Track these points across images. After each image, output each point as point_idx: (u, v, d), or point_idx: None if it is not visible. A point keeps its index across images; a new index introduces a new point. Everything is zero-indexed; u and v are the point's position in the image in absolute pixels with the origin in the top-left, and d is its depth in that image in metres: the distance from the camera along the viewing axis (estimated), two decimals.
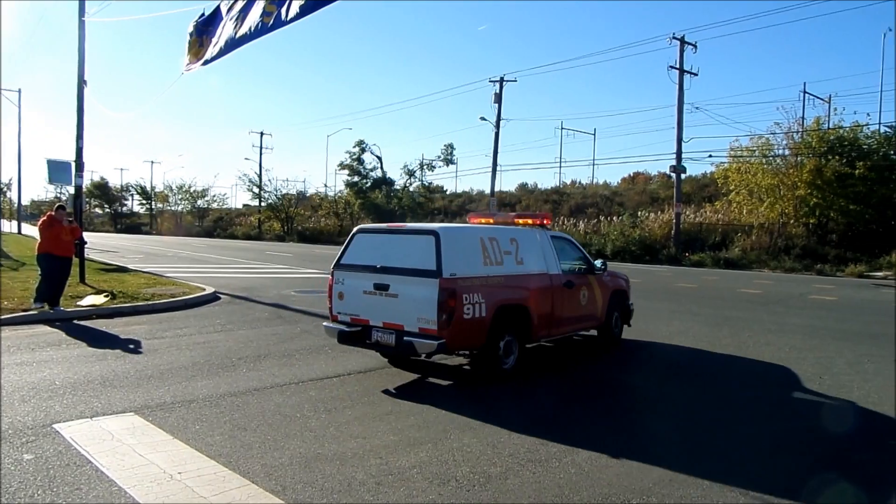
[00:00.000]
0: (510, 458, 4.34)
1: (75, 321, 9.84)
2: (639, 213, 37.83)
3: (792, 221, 30.76)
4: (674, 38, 32.45)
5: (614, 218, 38.97)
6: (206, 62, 11.43)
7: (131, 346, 8.01)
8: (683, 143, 32.87)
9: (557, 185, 58.36)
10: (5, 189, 69.86)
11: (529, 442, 4.68)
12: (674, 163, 33.14)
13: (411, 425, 5.02)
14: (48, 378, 6.29)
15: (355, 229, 7.30)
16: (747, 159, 32.81)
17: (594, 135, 60.72)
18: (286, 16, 9.17)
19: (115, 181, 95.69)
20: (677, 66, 32.67)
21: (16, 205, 64.26)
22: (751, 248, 30.17)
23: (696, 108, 47.82)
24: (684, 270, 26.31)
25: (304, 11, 8.91)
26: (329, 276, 7.07)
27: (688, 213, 36.82)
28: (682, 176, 34.28)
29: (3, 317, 9.58)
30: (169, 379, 6.39)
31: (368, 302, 6.55)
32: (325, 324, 7.10)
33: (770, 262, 27.74)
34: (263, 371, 6.79)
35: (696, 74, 33.06)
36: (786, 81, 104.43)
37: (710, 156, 49.80)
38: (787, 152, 31.53)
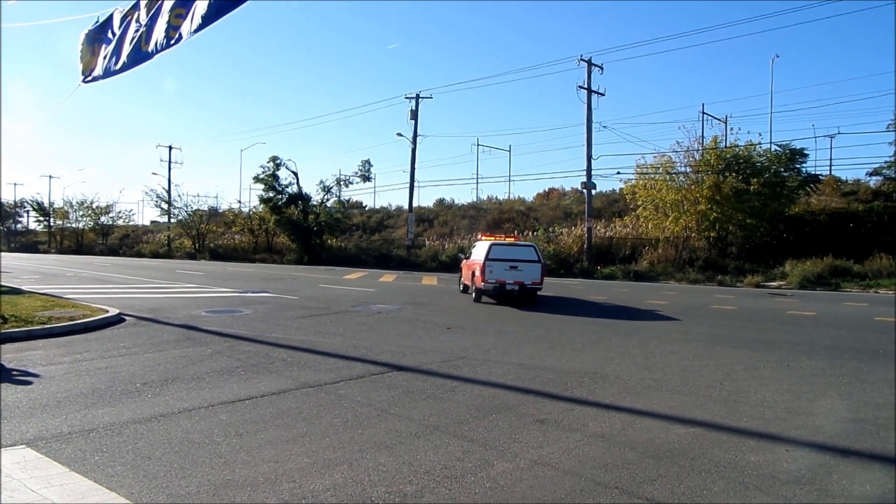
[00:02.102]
0: (426, 476, 4.35)
1: None
2: (553, 227, 38.93)
3: (695, 235, 32.45)
4: (581, 59, 33.79)
5: (530, 233, 39.92)
6: (108, 75, 10.97)
7: (25, 374, 7.49)
8: (593, 161, 34.18)
9: (475, 200, 59.23)
10: None
11: (445, 458, 4.70)
12: (584, 179, 34.35)
13: (326, 447, 4.94)
14: None
15: (490, 243, 17.66)
16: (652, 176, 34.43)
17: (509, 151, 62.19)
18: (189, 28, 8.96)
19: (8, 197, 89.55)
20: (585, 86, 33.99)
21: None
22: (658, 260, 31.60)
23: (605, 126, 50.00)
24: (596, 283, 27.21)
25: (206, 21, 8.72)
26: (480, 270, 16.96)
27: (599, 227, 38.18)
28: (593, 192, 35.57)
29: None
30: (66, 407, 6.01)
31: (506, 274, 16.54)
32: (478, 286, 17.27)
33: (676, 273, 29.13)
34: (171, 396, 6.51)
35: (603, 94, 34.53)
36: (686, 102, 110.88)
37: (619, 172, 52.09)
38: (688, 169, 33.33)
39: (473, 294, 18.16)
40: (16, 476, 4.21)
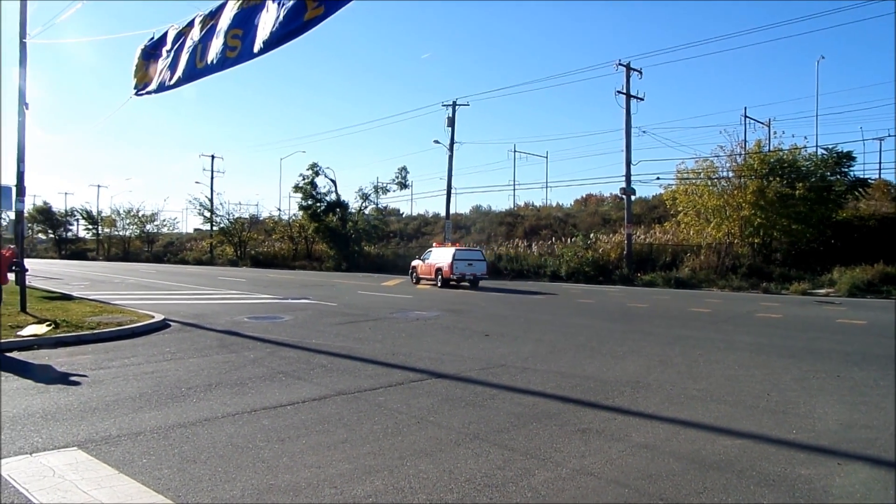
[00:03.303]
0: (467, 484, 4.32)
1: (15, 352, 9.44)
2: (592, 234, 38.55)
3: (738, 241, 31.76)
4: (620, 64, 33.48)
5: (568, 239, 39.59)
6: (162, 90, 11.32)
7: (75, 378, 7.72)
8: (632, 166, 33.83)
9: (511, 206, 59.08)
10: None
11: (486, 466, 4.68)
12: (624, 185, 33.96)
13: (366, 453, 4.96)
14: None
15: (455, 249, 28.97)
16: (693, 181, 33.84)
17: (546, 157, 62.06)
18: (251, 50, 9.21)
19: (59, 206, 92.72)
20: (624, 91, 33.64)
21: None
22: (700, 267, 31.01)
23: (644, 131, 49.24)
24: (636, 290, 26.84)
25: (268, 47, 8.97)
26: (449, 266, 26.94)
27: (638, 233, 37.70)
28: (632, 198, 35.17)
29: None
30: (115, 411, 6.17)
31: (465, 268, 27.15)
32: (441, 278, 27.47)
33: (718, 281, 28.53)
34: (214, 400, 6.63)
35: (642, 99, 34.15)
36: (728, 106, 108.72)
37: (658, 178, 51.48)
38: (730, 174, 32.67)
39: (439, 282, 28.15)
40: (68, 477, 4.33)
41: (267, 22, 8.95)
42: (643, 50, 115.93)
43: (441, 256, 28.40)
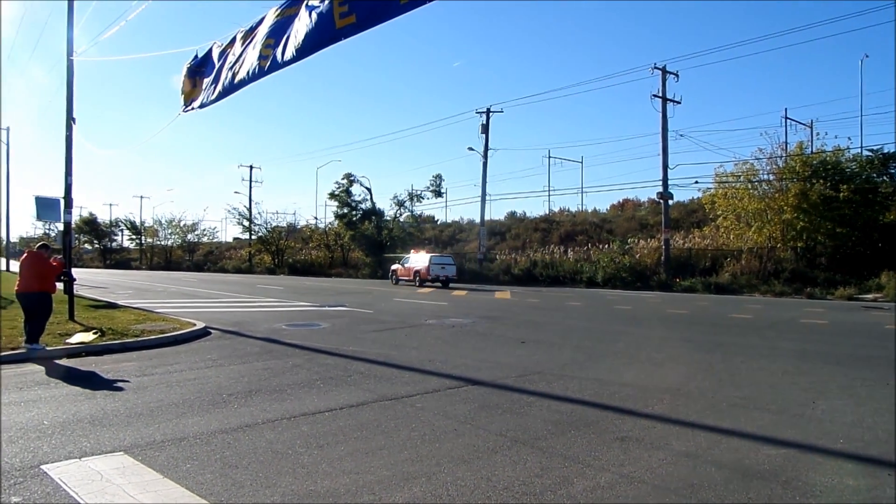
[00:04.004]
0: (504, 492, 4.31)
1: (64, 359, 9.74)
2: (628, 239, 38.10)
3: (780, 245, 31.04)
4: (655, 67, 33.11)
5: (605, 245, 39.19)
6: (205, 105, 11.63)
7: (121, 384, 7.93)
8: (669, 170, 33.37)
9: (546, 212, 58.77)
10: None
11: (524, 474, 4.65)
12: (661, 189, 33.51)
13: (404, 459, 4.98)
14: (36, 418, 6.21)
15: (430, 255, 35.57)
16: (733, 185, 33.22)
17: (581, 163, 61.36)
18: (281, 58, 9.38)
19: (104, 217, 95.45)
20: (660, 94, 33.23)
21: (4, 242, 63.95)
22: (740, 272, 30.38)
23: (681, 135, 48.83)
24: (675, 296, 26.42)
25: (300, 55, 9.11)
26: (426, 268, 33.74)
27: (677, 238, 37.13)
28: (670, 202, 34.66)
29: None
30: (159, 416, 6.32)
31: (440, 271, 33.68)
32: (419, 279, 33.96)
33: (760, 286, 27.92)
34: (255, 407, 6.73)
35: (678, 102, 33.68)
36: (767, 107, 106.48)
37: (697, 182, 50.55)
38: (771, 177, 31.97)
39: (418, 282, 34.43)
40: (115, 481, 4.45)
41: (300, 30, 9.10)
42: (679, 52, 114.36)
43: (419, 261, 34.99)
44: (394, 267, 38.18)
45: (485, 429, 5.90)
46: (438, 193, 51.80)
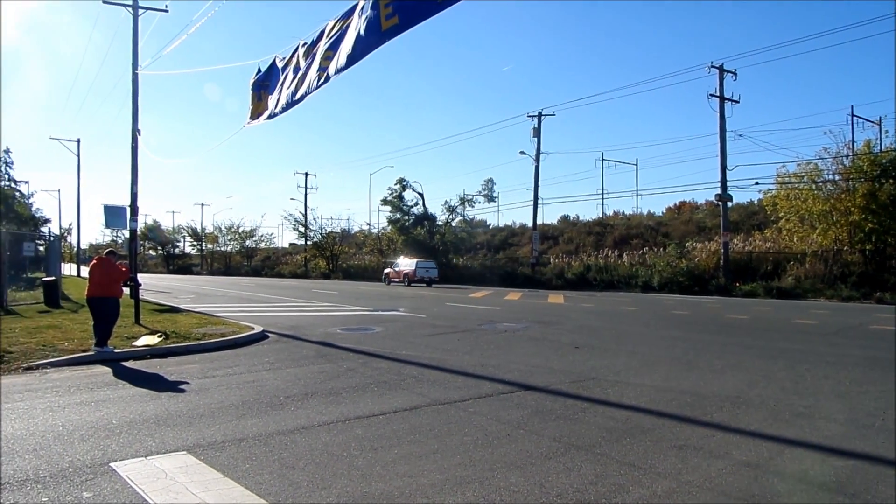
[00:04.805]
0: (558, 499, 4.27)
1: (131, 361, 10.15)
2: (686, 242, 37.19)
3: (847, 248, 29.76)
4: (712, 66, 32.29)
5: (661, 249, 38.37)
6: (273, 116, 12.00)
7: (183, 386, 8.21)
8: (728, 171, 32.43)
9: (600, 216, 57.96)
10: (65, 234, 73.10)
11: (578, 481, 4.60)
12: (719, 191, 32.64)
13: (457, 464, 4.99)
14: (105, 417, 6.49)
15: (416, 260, 42.48)
16: (796, 185, 32.06)
17: (636, 165, 60.34)
18: (336, 67, 9.60)
19: (167, 223, 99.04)
20: (717, 94, 32.40)
21: (75, 249, 67.04)
22: (805, 276, 29.26)
23: (740, 135, 47.39)
24: (735, 301, 25.66)
25: (350, 61, 9.31)
26: (412, 270, 41.55)
27: (736, 241, 36.07)
28: (729, 204, 33.71)
29: (62, 357, 9.96)
30: (219, 417, 6.51)
31: (424, 273, 41.28)
32: (407, 279, 41.60)
33: (826, 290, 26.84)
34: (311, 409, 6.87)
35: (737, 101, 32.76)
36: (832, 105, 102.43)
37: (757, 183, 49.02)
38: (837, 177, 30.72)
39: (406, 282, 41.58)
40: (179, 480, 4.61)
41: (351, 37, 9.31)
42: (737, 51, 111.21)
43: (407, 265, 43.03)
44: (386, 270, 45.91)
45: (538, 434, 5.86)
46: (490, 198, 51.83)
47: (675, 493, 4.38)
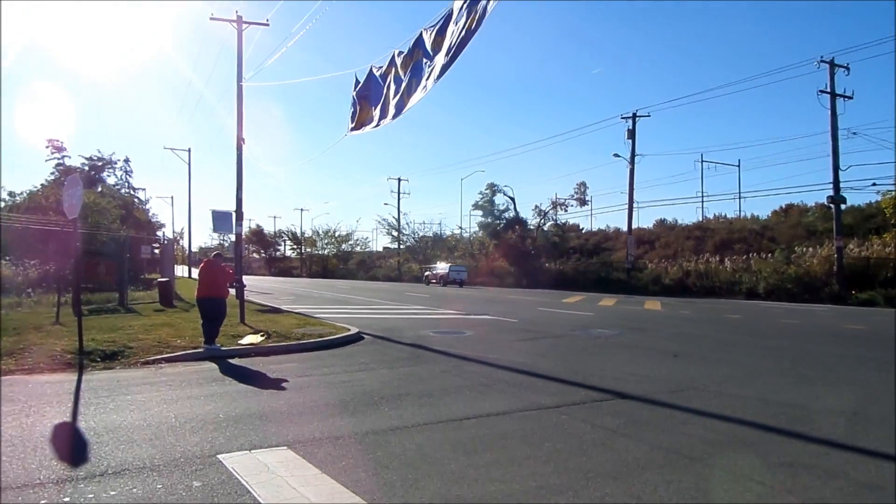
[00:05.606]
0: None
1: (236, 358, 10.68)
2: (794, 247, 35.08)
3: None
4: (822, 61, 30.32)
5: (767, 255, 36.34)
6: (377, 125, 12.35)
7: (284, 384, 8.55)
8: (841, 172, 30.36)
9: (699, 220, 55.64)
10: (178, 237, 78.14)
11: (677, 495, 4.42)
12: (831, 193, 30.61)
13: (550, 471, 4.92)
14: (213, 411, 6.86)
15: (450, 264, 52.30)
16: None
17: (739, 166, 57.47)
18: (439, 72, 9.80)
19: (269, 228, 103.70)
20: (828, 90, 30.41)
21: (187, 252, 71.48)
22: None
23: (854, 133, 43.96)
24: (850, 310, 23.94)
25: (442, 70, 9.49)
26: (446, 273, 49.57)
27: (851, 246, 33.61)
28: (842, 207, 31.51)
29: (175, 353, 10.62)
30: (317, 415, 6.73)
31: (456, 276, 48.83)
32: (442, 280, 49.18)
33: None
34: (404, 410, 6.97)
35: (850, 98, 30.58)
36: None
37: (875, 184, 45.29)
38: None
39: (441, 283, 48.79)
40: (279, 473, 4.80)
41: (454, 32, 9.45)
42: (849, 44, 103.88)
43: (442, 268, 51.59)
44: (426, 273, 54.99)
45: (634, 444, 5.68)
46: (583, 201, 50.96)
47: None
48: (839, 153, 30.47)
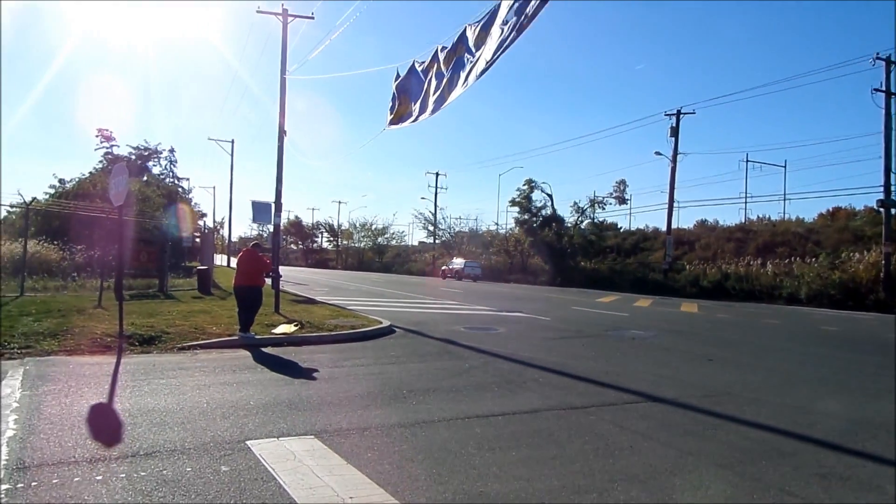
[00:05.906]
0: None
1: (269, 347, 10.85)
2: (840, 252, 34.05)
3: None
4: (878, 58, 29.30)
5: (811, 259, 35.35)
6: (416, 120, 12.39)
7: (315, 374, 8.65)
8: (892, 174, 29.29)
9: (742, 221, 54.38)
10: (219, 227, 79.62)
11: (706, 502, 4.34)
12: (881, 196, 29.59)
13: (576, 472, 4.88)
14: (244, 398, 6.98)
15: (465, 260, 55.48)
16: None
17: (784, 167, 55.97)
18: (480, 70, 9.80)
19: (307, 220, 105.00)
20: (882, 88, 29.38)
21: (227, 241, 72.86)
22: None
23: None
24: None
25: (483, 71, 9.50)
26: (462, 269, 52.27)
27: None
28: (893, 211, 30.44)
29: (210, 340, 10.83)
30: (346, 406, 6.80)
31: (471, 271, 51.37)
32: (458, 276, 51.35)
33: None
34: (432, 404, 6.99)
35: None
36: None
37: None
38: None
39: (456, 277, 51.14)
40: (305, 462, 4.86)
41: (494, 34, 9.41)
42: None
43: (458, 264, 54.04)
44: (443, 268, 56.93)
45: (663, 449, 5.59)
46: (623, 200, 50.29)
47: None
48: (892, 154, 29.44)
